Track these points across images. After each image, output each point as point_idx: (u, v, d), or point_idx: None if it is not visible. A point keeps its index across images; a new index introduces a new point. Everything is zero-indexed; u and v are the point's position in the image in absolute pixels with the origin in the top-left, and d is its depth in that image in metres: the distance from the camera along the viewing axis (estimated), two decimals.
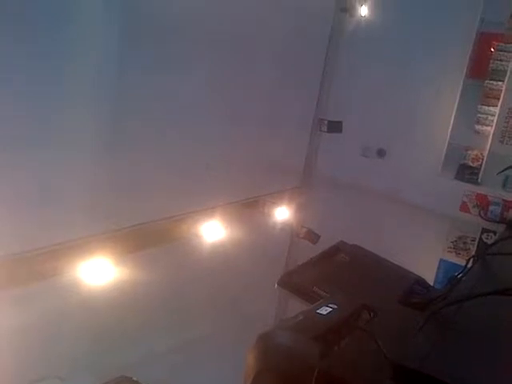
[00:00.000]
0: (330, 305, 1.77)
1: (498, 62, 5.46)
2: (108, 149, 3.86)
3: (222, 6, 4.38)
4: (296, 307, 1.87)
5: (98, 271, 3.73)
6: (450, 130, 5.71)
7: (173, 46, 4.17)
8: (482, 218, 5.34)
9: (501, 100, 5.40)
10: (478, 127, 5.62)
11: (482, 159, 5.59)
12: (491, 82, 5.50)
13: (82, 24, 3.48)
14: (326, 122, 5.73)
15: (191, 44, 4.28)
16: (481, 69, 5.58)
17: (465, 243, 5.78)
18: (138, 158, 4.09)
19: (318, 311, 1.74)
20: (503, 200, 5.40)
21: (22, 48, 3.18)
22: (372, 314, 1.79)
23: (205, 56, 4.44)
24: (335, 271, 2.29)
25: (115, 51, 3.78)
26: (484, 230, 5.51)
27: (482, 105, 5.56)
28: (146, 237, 4.31)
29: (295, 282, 2.18)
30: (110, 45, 3.74)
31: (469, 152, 5.70)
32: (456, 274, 2.25)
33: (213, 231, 4.75)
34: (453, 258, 5.76)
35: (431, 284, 2.51)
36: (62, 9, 3.36)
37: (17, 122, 3.28)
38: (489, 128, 5.53)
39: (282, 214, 5.64)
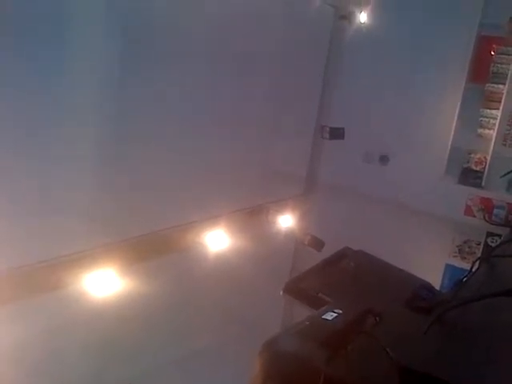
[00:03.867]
0: (335, 310, 1.76)
1: (499, 65, 5.48)
2: (111, 160, 3.88)
3: (223, 15, 4.41)
4: (302, 315, 1.85)
5: (103, 283, 3.73)
6: (452, 134, 5.72)
7: (174, 57, 4.20)
8: (486, 221, 5.32)
9: (502, 103, 5.42)
10: (480, 131, 5.62)
11: (486, 162, 5.59)
12: (492, 85, 5.51)
13: (82, 26, 3.49)
14: (328, 129, 5.73)
15: (192, 56, 4.31)
16: (482, 72, 5.59)
17: (470, 247, 5.75)
18: (141, 168, 4.10)
19: (323, 317, 1.74)
20: (507, 203, 5.39)
21: (22, 50, 3.19)
22: (377, 319, 1.78)
23: (206, 64, 4.46)
24: (340, 277, 2.27)
25: (116, 54, 3.79)
26: (489, 234, 5.50)
27: (484, 108, 5.57)
28: (151, 247, 4.31)
29: (300, 289, 2.17)
30: (111, 47, 3.75)
31: (472, 155, 5.70)
32: (462, 277, 2.24)
33: (217, 240, 4.75)
34: (458, 263, 5.74)
35: (437, 289, 2.49)
36: (62, 10, 3.38)
37: (18, 133, 3.29)
38: (491, 131, 5.53)
39: (286, 221, 5.62)
